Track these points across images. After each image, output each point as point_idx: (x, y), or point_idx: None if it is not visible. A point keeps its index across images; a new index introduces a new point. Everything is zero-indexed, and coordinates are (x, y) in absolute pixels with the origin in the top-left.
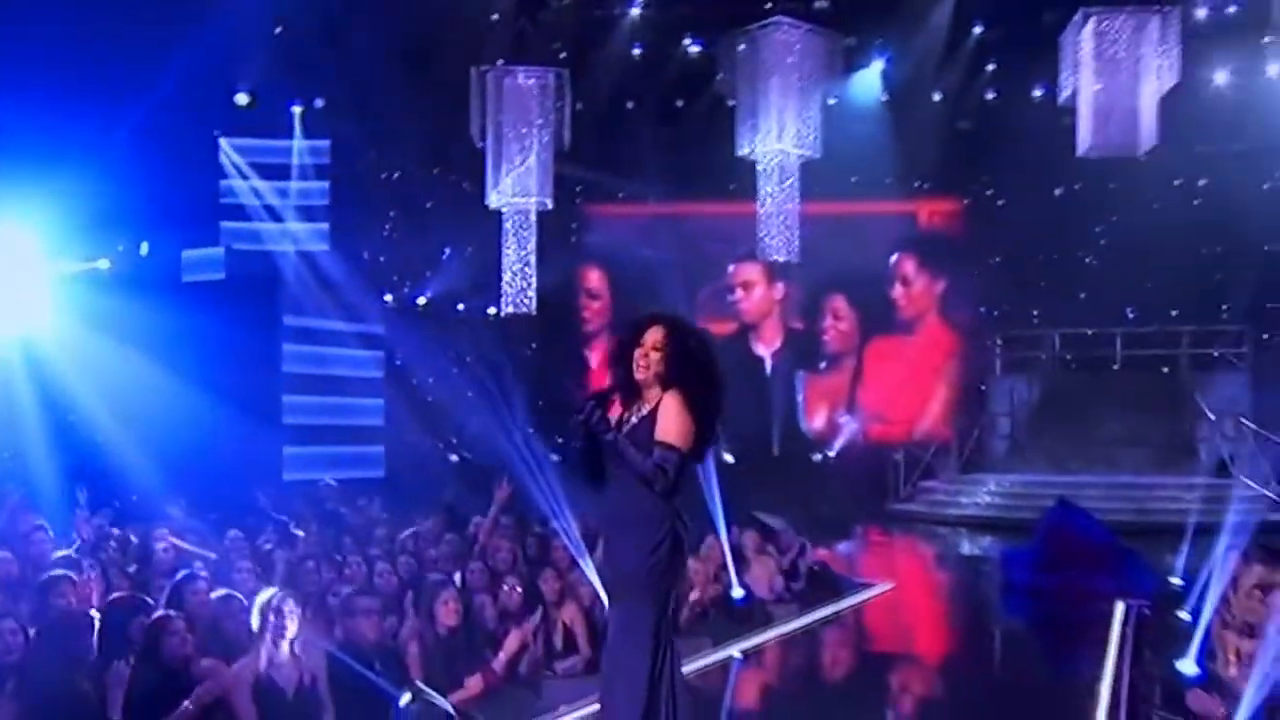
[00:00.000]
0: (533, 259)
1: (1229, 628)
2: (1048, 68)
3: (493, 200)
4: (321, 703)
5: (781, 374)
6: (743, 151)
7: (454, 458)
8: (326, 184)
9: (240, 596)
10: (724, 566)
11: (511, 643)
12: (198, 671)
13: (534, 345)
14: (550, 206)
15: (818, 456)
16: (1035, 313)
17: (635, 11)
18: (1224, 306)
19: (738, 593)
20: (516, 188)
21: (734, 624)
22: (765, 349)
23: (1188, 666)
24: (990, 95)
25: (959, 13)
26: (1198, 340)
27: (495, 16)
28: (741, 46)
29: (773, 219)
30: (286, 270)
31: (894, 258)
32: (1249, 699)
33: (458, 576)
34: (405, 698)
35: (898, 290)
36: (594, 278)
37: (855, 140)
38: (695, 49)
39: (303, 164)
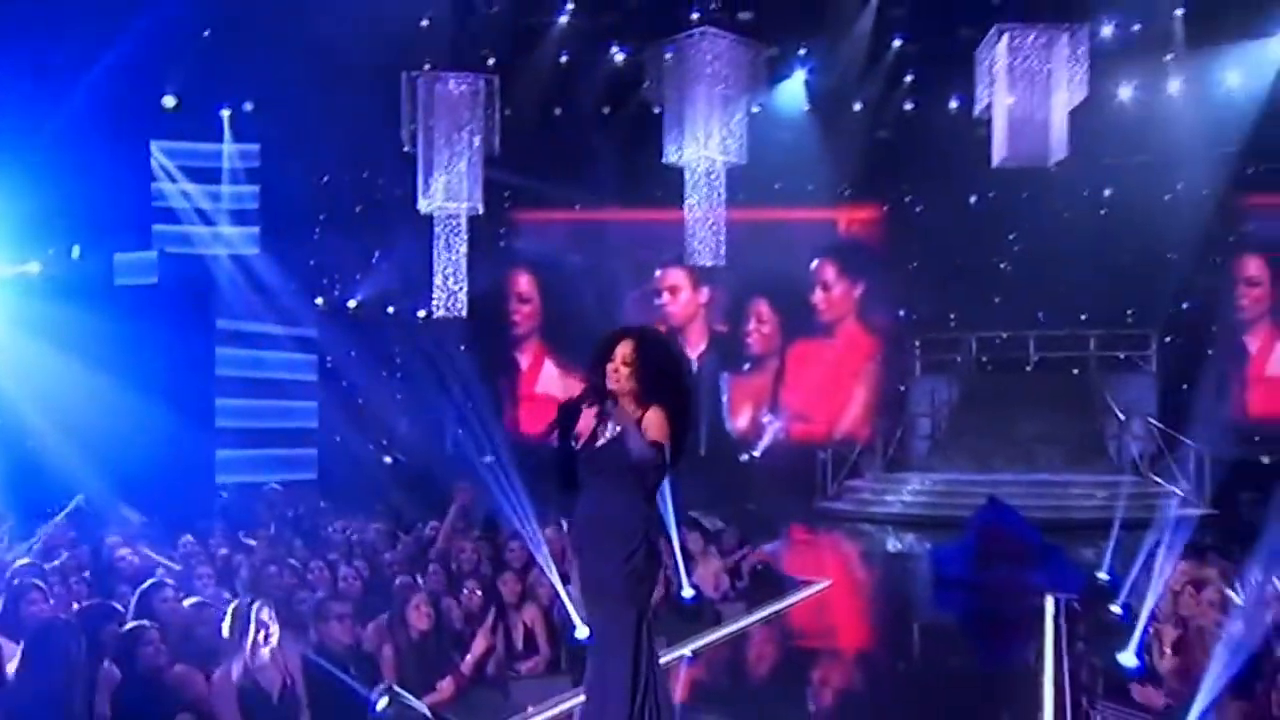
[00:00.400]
0: (463, 263)
1: (1164, 622)
2: (964, 80)
3: (423, 205)
4: (300, 707)
5: (707, 375)
6: (670, 158)
7: (388, 460)
8: (257, 188)
9: (211, 604)
10: (674, 567)
11: (478, 644)
12: (171, 679)
13: (464, 348)
14: (481, 211)
15: (744, 456)
16: (952, 316)
17: (563, 20)
18: (1129, 311)
19: (688, 592)
20: (447, 193)
21: (685, 623)
22: (691, 351)
23: (1128, 659)
24: (909, 106)
25: (879, 25)
26: (1105, 343)
27: (425, 23)
28: (668, 55)
29: (700, 224)
30: (219, 274)
31: (814, 263)
32: (1205, 692)
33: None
34: (382, 702)
35: (818, 295)
36: (524, 282)
37: (779, 148)
38: (622, 57)
39: (233, 168)
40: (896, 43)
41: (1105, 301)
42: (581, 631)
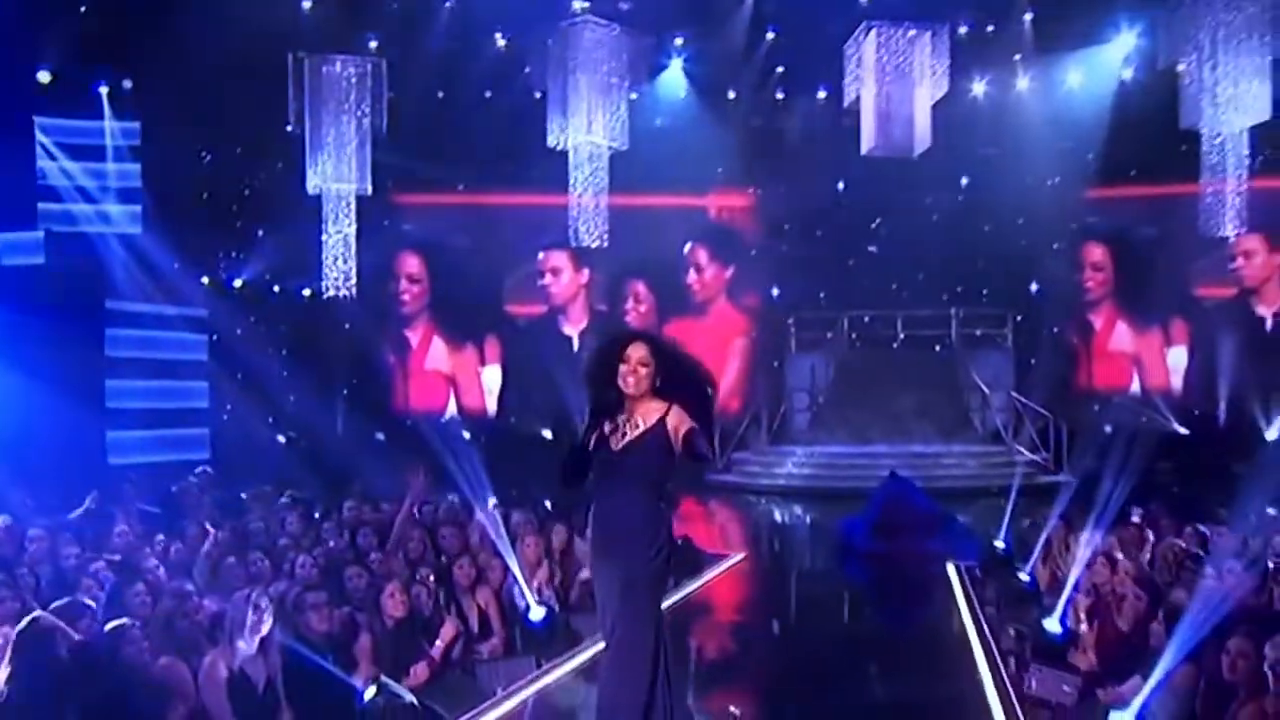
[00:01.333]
0: (352, 243)
1: (1079, 591)
2: (833, 72)
3: (311, 185)
4: (283, 699)
5: (588, 352)
6: (553, 142)
7: (281, 439)
8: (138, 166)
9: (190, 595)
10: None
11: (447, 630)
12: (159, 674)
13: (353, 327)
14: (369, 192)
15: None
16: (822, 296)
17: (448, 4)
18: (984, 291)
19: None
20: (334, 173)
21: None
22: (573, 329)
23: (1053, 625)
24: (780, 95)
25: (754, 18)
26: (965, 322)
27: (308, 4)
28: (551, 41)
29: (583, 207)
30: (107, 253)
31: (688, 247)
32: (1167, 658)
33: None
34: (370, 691)
35: (691, 276)
36: (412, 263)
37: (657, 135)
38: (505, 41)
39: (116, 145)
40: (770, 35)
41: (965, 283)
42: (536, 614)
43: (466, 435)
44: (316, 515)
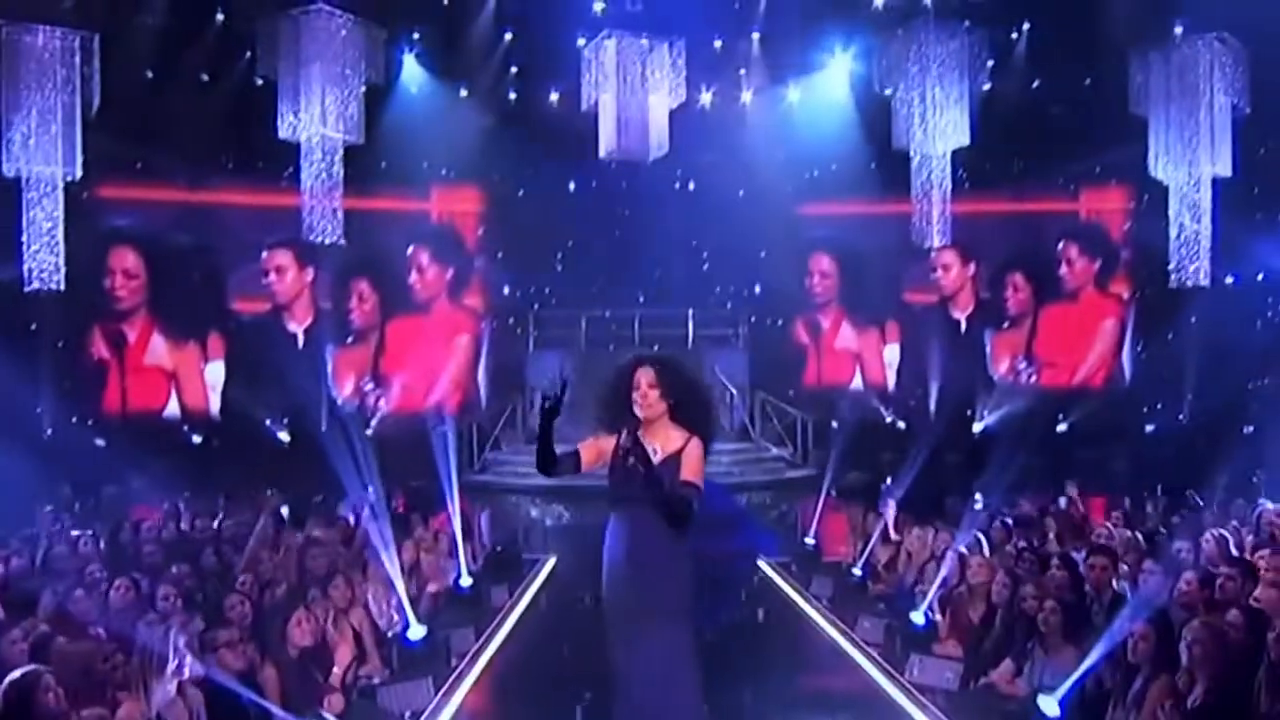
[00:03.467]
0: (60, 232)
1: (924, 582)
2: (569, 75)
3: (7, 168)
4: None
5: (317, 348)
6: (284, 134)
7: None
8: None
9: (106, 639)
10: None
11: (343, 654)
12: None
13: (61, 321)
14: (77, 177)
15: (370, 431)
16: (554, 296)
17: None
18: (716, 289)
19: (465, 580)
20: (37, 155)
21: (467, 611)
22: (298, 326)
23: (917, 618)
24: (514, 95)
25: (495, 16)
26: (701, 322)
27: None
28: (282, 29)
29: (315, 202)
30: None
31: (410, 249)
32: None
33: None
34: None
35: (414, 276)
36: (128, 257)
37: (388, 129)
38: (230, 26)
39: None
40: (508, 36)
41: (697, 284)
42: (416, 632)
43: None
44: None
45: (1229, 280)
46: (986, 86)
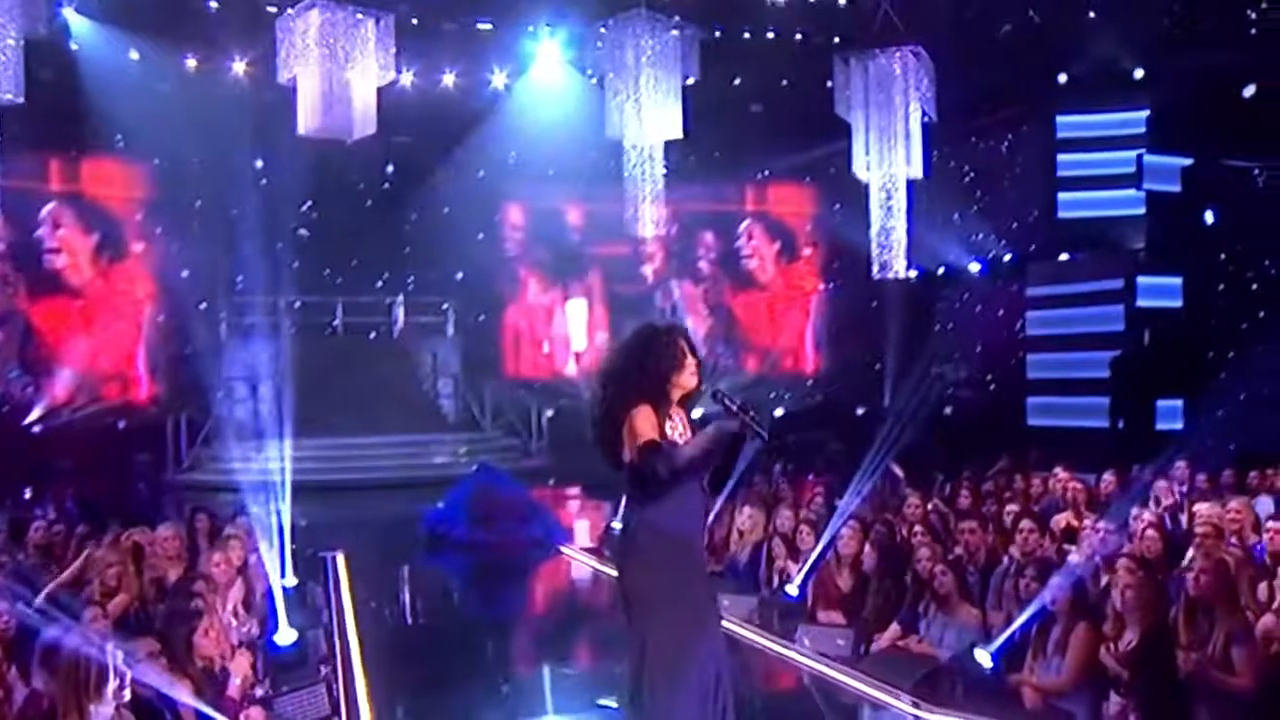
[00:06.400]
0: None
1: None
2: (261, 46)
3: None
4: None
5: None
6: None
7: None
8: None
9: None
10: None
11: (241, 665)
12: None
13: None
14: None
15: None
16: (242, 279)
17: None
18: (422, 276)
19: (291, 580)
20: None
21: (303, 612)
22: None
23: (793, 590)
24: (193, 62)
25: None
26: (410, 309)
27: None
28: None
29: None
30: None
31: (60, 227)
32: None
33: None
34: None
35: (63, 259)
36: None
37: (48, 90)
38: None
39: None
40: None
41: (400, 268)
42: (286, 637)
43: None
44: None
45: (912, 274)
46: (690, 80)
